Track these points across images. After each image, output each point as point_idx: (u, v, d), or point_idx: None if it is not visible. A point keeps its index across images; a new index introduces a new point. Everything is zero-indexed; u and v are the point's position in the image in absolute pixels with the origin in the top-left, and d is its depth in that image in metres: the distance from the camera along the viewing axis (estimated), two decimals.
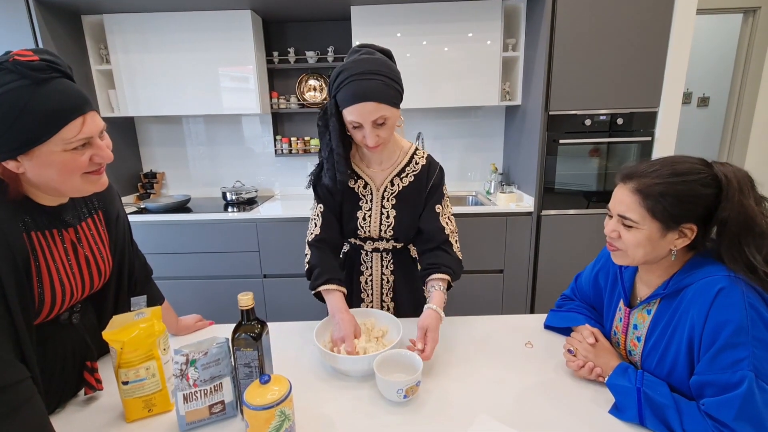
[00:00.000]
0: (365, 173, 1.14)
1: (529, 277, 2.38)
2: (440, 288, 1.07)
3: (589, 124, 2.15)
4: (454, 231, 1.17)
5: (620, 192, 0.78)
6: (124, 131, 2.70)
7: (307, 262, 1.14)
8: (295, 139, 2.74)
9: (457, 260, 1.15)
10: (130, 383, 0.79)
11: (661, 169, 0.74)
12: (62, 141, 0.68)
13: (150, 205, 2.39)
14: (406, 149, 1.16)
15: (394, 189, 1.13)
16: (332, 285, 1.07)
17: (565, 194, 2.27)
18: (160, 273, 2.29)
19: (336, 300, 1.05)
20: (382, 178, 1.14)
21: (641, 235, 0.75)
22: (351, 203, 1.15)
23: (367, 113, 0.93)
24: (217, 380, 0.77)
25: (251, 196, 2.63)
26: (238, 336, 0.77)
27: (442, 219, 1.15)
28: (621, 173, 0.79)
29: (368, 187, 1.14)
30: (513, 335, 1.09)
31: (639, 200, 0.74)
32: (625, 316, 0.89)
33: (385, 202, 1.14)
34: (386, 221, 1.14)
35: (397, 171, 1.13)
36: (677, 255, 0.77)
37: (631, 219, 0.75)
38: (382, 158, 1.13)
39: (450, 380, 0.91)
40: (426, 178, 1.14)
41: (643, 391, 0.74)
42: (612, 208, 0.80)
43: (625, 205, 0.76)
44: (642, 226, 0.75)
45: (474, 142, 2.82)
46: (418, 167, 1.14)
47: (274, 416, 0.69)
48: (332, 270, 1.11)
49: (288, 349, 1.05)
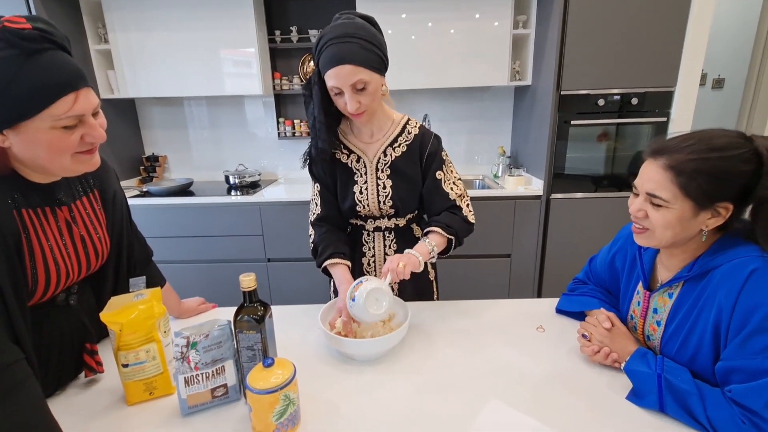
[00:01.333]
0: (357, 147, 1.12)
1: (536, 261, 2.34)
2: (426, 241, 1.06)
3: (602, 105, 2.07)
4: (462, 195, 1.15)
5: (650, 168, 0.73)
6: (125, 113, 2.65)
7: (312, 241, 1.15)
8: (298, 121, 2.68)
9: (461, 220, 1.13)
10: (130, 366, 0.77)
11: (697, 144, 0.68)
12: (51, 117, 0.64)
13: (152, 189, 2.36)
14: (397, 120, 1.13)
15: (387, 160, 1.11)
16: (336, 259, 1.07)
17: (575, 178, 2.21)
18: (162, 257, 2.29)
19: (340, 272, 1.06)
20: (375, 150, 1.11)
21: (671, 215, 0.70)
22: (345, 179, 1.13)
23: (345, 76, 0.91)
24: (219, 363, 0.75)
25: (254, 179, 2.59)
26: (241, 318, 0.75)
27: (445, 185, 1.13)
28: (651, 148, 0.74)
29: (361, 161, 1.12)
30: (524, 319, 1.06)
31: (671, 177, 0.69)
32: (644, 300, 0.85)
33: (379, 173, 1.11)
34: (383, 192, 1.12)
35: (389, 141, 1.11)
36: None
37: (661, 198, 0.70)
38: (373, 129, 1.11)
39: (460, 365, 0.88)
40: (420, 148, 1.11)
41: (664, 378, 0.71)
42: (639, 185, 0.75)
43: (655, 183, 0.71)
44: (673, 205, 0.70)
45: (481, 125, 2.75)
46: (411, 137, 1.11)
47: (279, 400, 0.67)
48: (336, 244, 1.11)
49: (292, 332, 1.02)
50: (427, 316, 1.08)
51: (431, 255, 1.06)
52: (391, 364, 0.90)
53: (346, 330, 0.94)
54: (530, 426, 0.70)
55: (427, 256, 1.04)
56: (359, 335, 0.94)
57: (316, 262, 1.12)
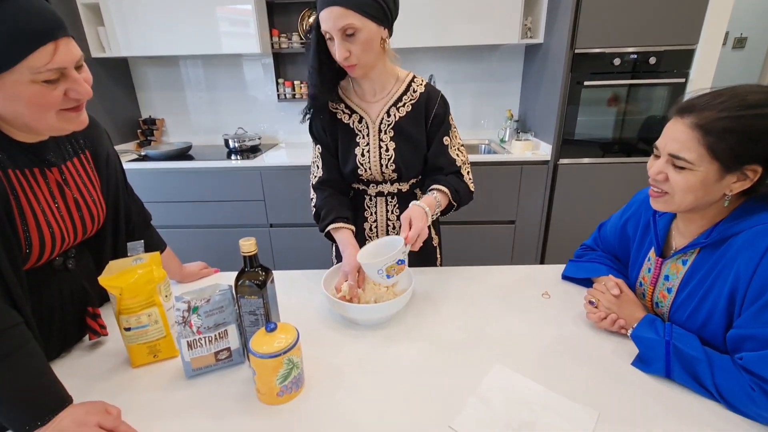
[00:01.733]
0: (359, 107, 1.07)
1: (541, 228, 2.31)
2: (433, 195, 1.03)
3: (617, 64, 1.96)
4: (465, 162, 1.12)
5: (675, 127, 0.68)
6: (118, 74, 2.56)
7: (314, 205, 1.12)
8: (298, 82, 2.58)
9: (466, 186, 1.10)
10: (132, 329, 0.76)
11: (729, 101, 0.63)
12: (30, 70, 0.59)
13: (151, 153, 2.31)
14: (402, 78, 1.07)
15: (390, 120, 1.06)
16: (339, 223, 1.05)
17: (583, 143, 2.14)
18: (162, 222, 2.28)
19: (344, 237, 1.03)
20: (378, 109, 1.06)
21: (695, 177, 0.66)
22: (347, 140, 1.08)
23: (333, 19, 0.87)
24: (221, 327, 0.74)
25: (255, 143, 2.53)
26: (242, 283, 0.73)
27: (451, 151, 1.09)
28: (677, 105, 0.69)
29: (363, 122, 1.07)
30: (529, 285, 1.04)
31: (698, 137, 0.64)
32: (655, 267, 0.82)
33: (382, 135, 1.06)
34: (386, 155, 1.07)
35: (393, 101, 1.05)
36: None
37: (685, 159, 0.66)
38: (375, 88, 1.05)
39: (464, 330, 0.88)
40: (425, 108, 1.06)
41: (672, 344, 0.70)
42: (661, 146, 0.70)
43: (680, 143, 0.66)
44: (698, 167, 0.65)
45: (489, 87, 2.63)
46: (416, 95, 1.05)
47: (282, 364, 0.66)
48: (339, 208, 1.08)
49: (295, 297, 1.02)
50: (431, 282, 1.07)
51: (435, 213, 1.02)
52: (394, 329, 0.89)
53: (351, 294, 0.93)
54: (534, 390, 0.70)
55: (433, 212, 1.00)
56: (363, 300, 0.93)
57: (318, 227, 1.10)
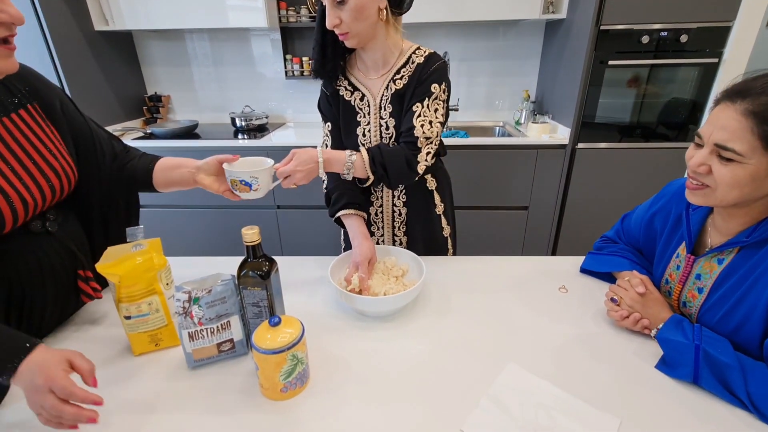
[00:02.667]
0: (362, 84, 1.01)
1: (555, 215, 2.24)
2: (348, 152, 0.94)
3: (646, 42, 1.84)
4: (429, 138, 0.96)
5: (724, 114, 0.61)
6: (122, 49, 2.49)
7: (325, 188, 1.09)
8: (306, 59, 2.48)
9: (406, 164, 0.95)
10: (132, 318, 0.74)
11: None
12: None
13: (156, 131, 2.26)
14: (405, 50, 0.99)
15: (388, 95, 0.99)
16: (351, 209, 1.02)
17: (605, 126, 2.04)
18: (168, 201, 2.27)
19: (355, 225, 1.00)
20: (379, 85, 1.00)
21: (743, 171, 0.60)
22: (348, 120, 1.04)
23: None
24: (224, 318, 0.71)
25: (262, 122, 2.47)
26: (245, 274, 0.69)
27: (416, 119, 0.94)
28: (728, 90, 0.62)
29: (365, 99, 1.01)
30: (545, 279, 0.99)
31: (752, 126, 0.57)
32: (686, 264, 0.77)
33: (382, 113, 1.01)
34: (386, 134, 1.02)
35: (392, 75, 0.99)
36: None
37: (734, 150, 0.59)
38: (377, 62, 0.99)
39: (477, 325, 0.84)
40: (418, 78, 0.96)
41: (702, 349, 0.65)
42: (707, 134, 0.63)
43: (729, 132, 0.59)
44: (748, 159, 0.59)
45: (505, 65, 2.51)
46: (413, 67, 0.97)
47: (286, 360, 0.63)
48: (351, 193, 1.04)
49: (302, 285, 0.98)
50: (443, 273, 1.03)
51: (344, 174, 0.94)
52: (404, 322, 0.86)
53: (362, 286, 0.89)
54: (551, 393, 0.66)
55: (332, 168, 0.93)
56: (372, 292, 0.90)
57: (328, 211, 1.06)
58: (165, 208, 2.28)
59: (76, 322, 0.87)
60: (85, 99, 2.16)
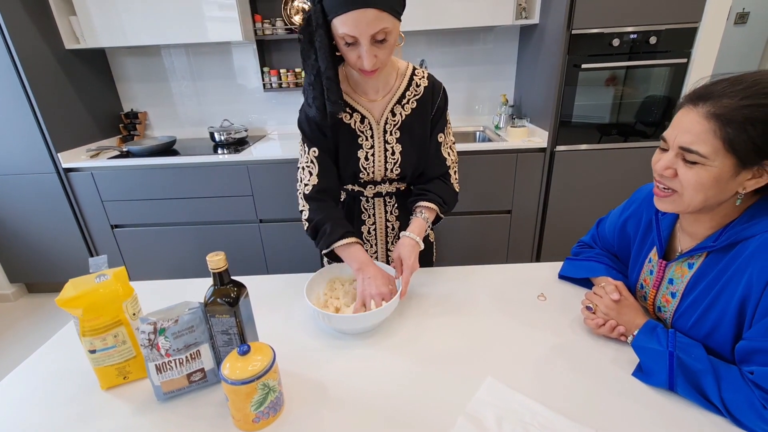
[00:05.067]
0: (361, 105, 0.96)
1: (537, 218, 2.26)
2: (422, 216, 0.98)
3: (616, 45, 1.88)
4: (454, 162, 1.06)
5: (688, 117, 0.61)
6: (96, 66, 2.44)
7: (307, 219, 0.96)
8: (284, 71, 2.47)
9: (453, 192, 1.05)
10: (98, 351, 0.71)
11: (752, 87, 0.56)
12: None
13: (133, 148, 2.22)
14: (403, 70, 0.97)
15: (396, 120, 0.97)
16: (351, 238, 0.92)
17: (580, 128, 2.06)
18: (148, 219, 2.23)
19: (360, 253, 0.91)
20: (381, 108, 0.96)
21: (707, 174, 0.60)
22: (348, 143, 0.97)
23: (366, 24, 0.74)
24: (193, 348, 0.69)
25: (241, 136, 2.45)
26: (212, 301, 0.67)
27: (443, 149, 1.02)
28: (691, 93, 0.62)
29: (366, 122, 0.96)
30: (524, 286, 0.99)
31: (715, 128, 0.58)
32: (659, 270, 0.77)
33: (388, 137, 0.97)
34: (392, 159, 0.99)
35: (397, 98, 0.96)
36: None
37: (698, 153, 0.60)
38: (378, 84, 0.95)
39: (455, 338, 0.83)
40: (431, 102, 0.97)
41: (676, 356, 0.65)
42: (670, 138, 0.64)
43: (693, 135, 0.60)
44: (712, 162, 0.59)
45: (483, 71, 2.54)
46: (420, 90, 0.97)
47: (256, 390, 0.61)
48: (343, 223, 0.96)
49: (279, 305, 0.96)
50: (422, 283, 1.02)
51: (426, 233, 0.99)
52: (381, 338, 0.84)
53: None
54: (529, 408, 0.65)
55: (423, 236, 0.96)
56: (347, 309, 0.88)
57: (321, 244, 0.94)
58: (148, 227, 2.24)
59: (39, 356, 0.83)
60: (58, 119, 2.11)
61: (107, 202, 2.20)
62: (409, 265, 0.90)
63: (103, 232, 2.28)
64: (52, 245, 2.31)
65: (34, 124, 2.02)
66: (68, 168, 2.12)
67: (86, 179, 2.15)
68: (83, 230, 2.28)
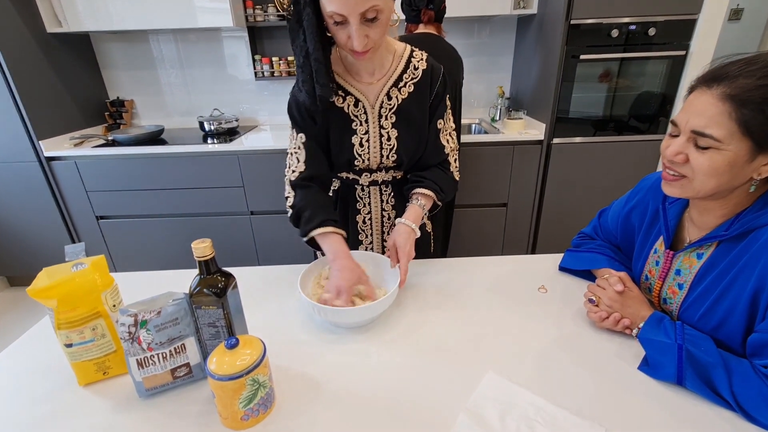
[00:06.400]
0: (355, 87, 0.91)
1: (533, 211, 2.24)
2: (418, 203, 0.96)
3: (615, 36, 1.85)
4: (454, 149, 1.03)
5: (701, 100, 0.58)
6: (79, 51, 2.35)
7: (291, 206, 0.94)
8: (276, 59, 2.41)
9: (452, 180, 1.02)
10: (74, 345, 0.66)
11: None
12: None
13: (119, 137, 2.15)
14: (400, 52, 0.93)
15: (391, 104, 0.92)
16: (329, 227, 0.88)
17: (577, 121, 2.04)
18: (134, 210, 2.16)
19: (336, 243, 0.87)
20: (376, 91, 0.92)
21: (721, 159, 0.57)
22: (341, 128, 0.93)
23: (354, 3, 0.71)
24: (177, 342, 0.65)
25: (232, 125, 2.38)
26: (198, 291, 0.63)
27: (442, 137, 0.98)
28: (705, 74, 0.59)
29: (360, 106, 0.92)
30: (524, 278, 0.96)
31: (729, 110, 0.55)
32: (665, 260, 0.74)
33: (383, 122, 0.93)
34: (387, 145, 0.95)
35: (393, 81, 0.92)
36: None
37: (711, 137, 0.57)
38: (374, 66, 0.90)
39: (454, 331, 0.80)
40: (430, 86, 0.94)
41: (685, 348, 0.62)
42: (683, 122, 0.61)
43: (707, 118, 0.57)
44: (726, 146, 0.56)
45: (480, 63, 2.50)
46: (418, 73, 0.93)
47: (245, 386, 0.57)
48: (326, 210, 0.92)
49: (270, 297, 0.92)
50: (420, 276, 0.99)
51: (422, 221, 0.96)
52: (378, 332, 0.81)
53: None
54: (533, 404, 0.62)
55: (419, 224, 0.94)
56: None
57: (300, 231, 0.92)
58: (133, 218, 2.17)
59: (12, 351, 0.78)
60: (40, 105, 2.03)
61: (92, 193, 2.13)
62: (406, 252, 0.88)
63: (87, 224, 2.20)
64: (34, 237, 2.23)
65: (14, 110, 1.94)
66: (50, 156, 2.04)
67: (69, 168, 2.07)
68: (67, 221, 2.21)
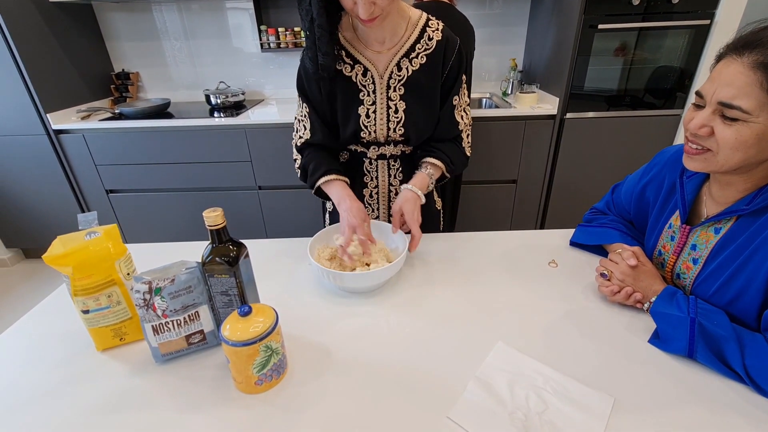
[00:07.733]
0: (364, 56, 0.89)
1: (543, 188, 2.21)
2: (426, 171, 0.95)
3: (636, 4, 1.76)
4: (467, 125, 1.03)
5: (730, 69, 0.55)
6: (83, 22, 2.31)
7: (299, 167, 0.98)
8: (282, 29, 2.34)
9: (463, 154, 1.01)
10: (91, 312, 0.68)
11: None
12: None
13: (126, 110, 2.13)
14: (414, 20, 0.89)
15: (401, 75, 0.89)
16: (332, 175, 0.92)
17: (593, 95, 1.98)
18: (142, 185, 2.16)
19: (341, 188, 0.91)
20: (386, 61, 0.89)
21: (749, 131, 0.55)
22: (348, 98, 0.91)
23: None
24: (191, 309, 0.66)
25: (238, 99, 2.35)
26: (210, 260, 0.64)
27: (457, 113, 0.96)
28: (735, 41, 0.56)
29: (369, 75, 0.89)
30: (534, 253, 0.96)
31: (762, 79, 0.52)
32: (681, 235, 0.73)
33: (391, 93, 0.91)
34: (395, 117, 0.92)
35: (405, 51, 0.89)
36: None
37: (740, 108, 0.54)
38: (384, 35, 0.87)
39: (464, 302, 0.80)
40: (443, 59, 0.90)
41: (698, 322, 0.62)
42: (709, 93, 0.58)
43: (736, 88, 0.54)
44: (755, 118, 0.54)
45: (492, 34, 2.41)
46: (432, 44, 0.89)
47: (258, 352, 0.58)
48: (329, 161, 0.95)
49: (281, 268, 0.93)
50: (429, 249, 0.98)
51: (428, 189, 0.95)
52: (389, 301, 0.82)
53: (364, 249, 0.83)
54: (542, 373, 0.63)
55: (425, 191, 0.93)
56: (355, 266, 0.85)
57: (308, 183, 0.97)
58: (141, 192, 2.18)
59: (32, 317, 0.80)
60: (46, 78, 2.01)
61: (101, 166, 2.14)
62: (416, 219, 0.88)
63: (98, 197, 2.22)
64: (47, 211, 2.26)
65: (20, 82, 1.92)
66: (58, 129, 2.04)
67: (78, 141, 2.07)
68: (77, 195, 2.23)
